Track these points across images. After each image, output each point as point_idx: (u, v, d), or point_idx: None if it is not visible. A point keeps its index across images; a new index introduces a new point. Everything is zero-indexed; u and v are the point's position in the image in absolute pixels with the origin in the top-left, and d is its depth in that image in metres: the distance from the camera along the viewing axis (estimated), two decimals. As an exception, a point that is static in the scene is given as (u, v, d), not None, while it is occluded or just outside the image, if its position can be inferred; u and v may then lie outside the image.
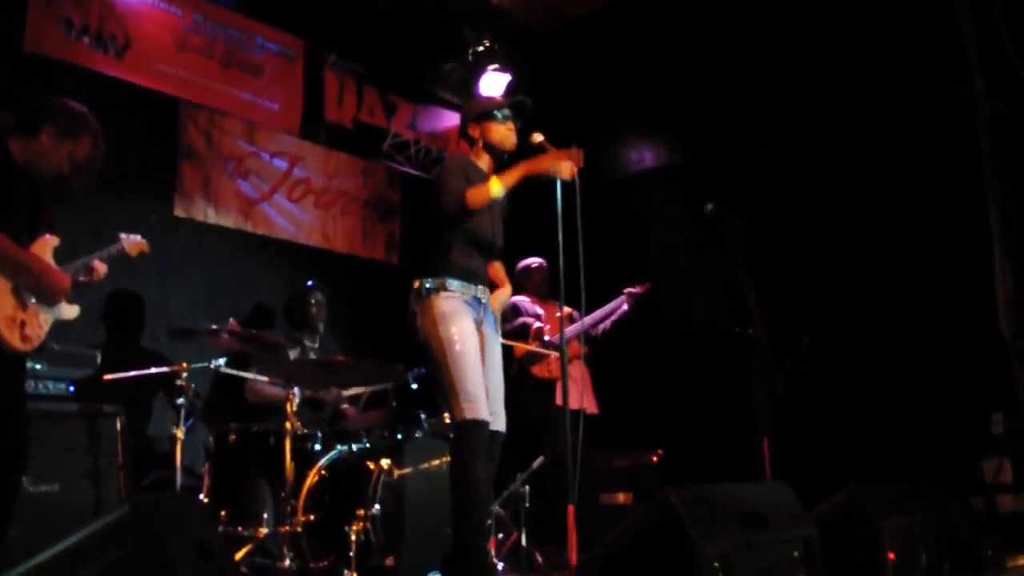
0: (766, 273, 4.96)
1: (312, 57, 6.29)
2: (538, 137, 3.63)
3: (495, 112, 3.71)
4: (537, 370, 5.35)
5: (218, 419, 4.97)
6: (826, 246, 5.70)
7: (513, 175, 3.47)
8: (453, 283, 3.55)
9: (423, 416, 4.56)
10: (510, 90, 6.99)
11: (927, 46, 5.35)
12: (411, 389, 4.65)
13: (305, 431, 4.36)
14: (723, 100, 6.38)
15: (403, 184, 6.91)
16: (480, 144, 3.73)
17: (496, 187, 3.44)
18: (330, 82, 6.40)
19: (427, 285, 3.55)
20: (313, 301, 5.33)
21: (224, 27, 5.79)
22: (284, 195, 6.09)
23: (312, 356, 5.08)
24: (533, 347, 5.27)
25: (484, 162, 3.74)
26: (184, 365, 4.15)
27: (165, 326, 4.99)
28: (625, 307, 5.41)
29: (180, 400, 4.14)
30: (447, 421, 4.61)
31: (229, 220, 5.76)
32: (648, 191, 6.92)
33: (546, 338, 5.36)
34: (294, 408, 4.17)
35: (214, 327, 4.24)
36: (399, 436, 4.48)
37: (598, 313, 5.46)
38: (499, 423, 3.60)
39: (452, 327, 3.50)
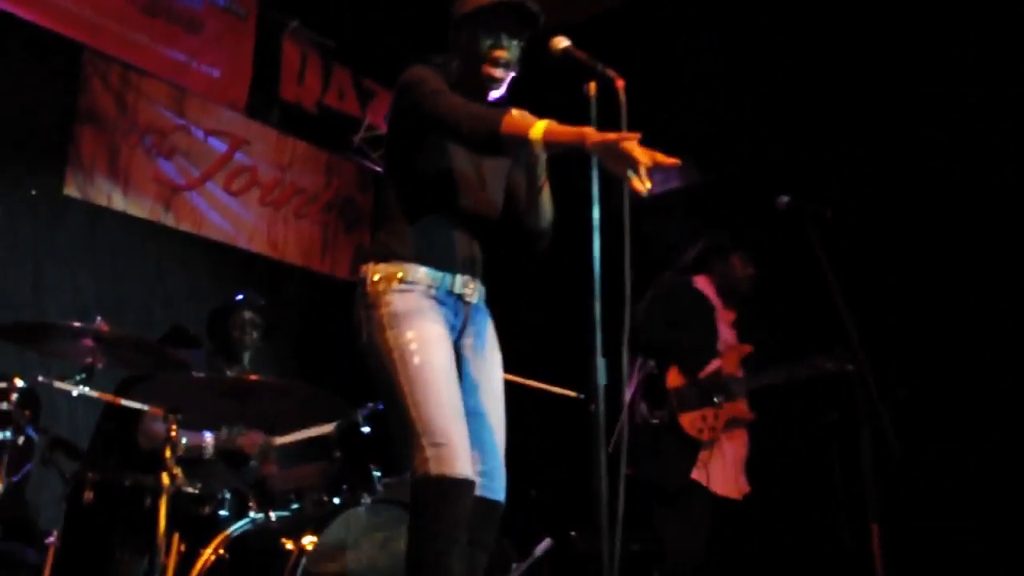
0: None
1: (268, 20, 5.04)
2: (563, 42, 2.28)
3: (484, 17, 2.34)
4: (688, 421, 3.62)
5: (91, 469, 3.54)
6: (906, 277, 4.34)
7: (567, 133, 2.05)
8: (417, 271, 2.22)
9: (376, 474, 3.17)
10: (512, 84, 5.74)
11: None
12: (361, 434, 3.26)
13: (197, 489, 2.97)
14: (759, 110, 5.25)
15: (378, 188, 5.58)
16: (459, 58, 2.38)
17: (540, 130, 2.05)
18: (289, 53, 5.14)
19: (376, 275, 2.21)
20: (240, 320, 3.94)
21: (154, -34, 4.55)
22: (220, 185, 4.75)
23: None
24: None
25: (464, 88, 2.37)
26: (13, 381, 2.75)
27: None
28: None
29: (5, 434, 2.73)
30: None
31: (142, 209, 4.40)
32: (676, 213, 5.71)
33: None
34: (178, 452, 2.76)
35: (74, 324, 2.85)
36: (338, 501, 3.07)
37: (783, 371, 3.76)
38: (496, 489, 2.24)
39: (407, 331, 2.15)
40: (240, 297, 4.05)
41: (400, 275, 2.20)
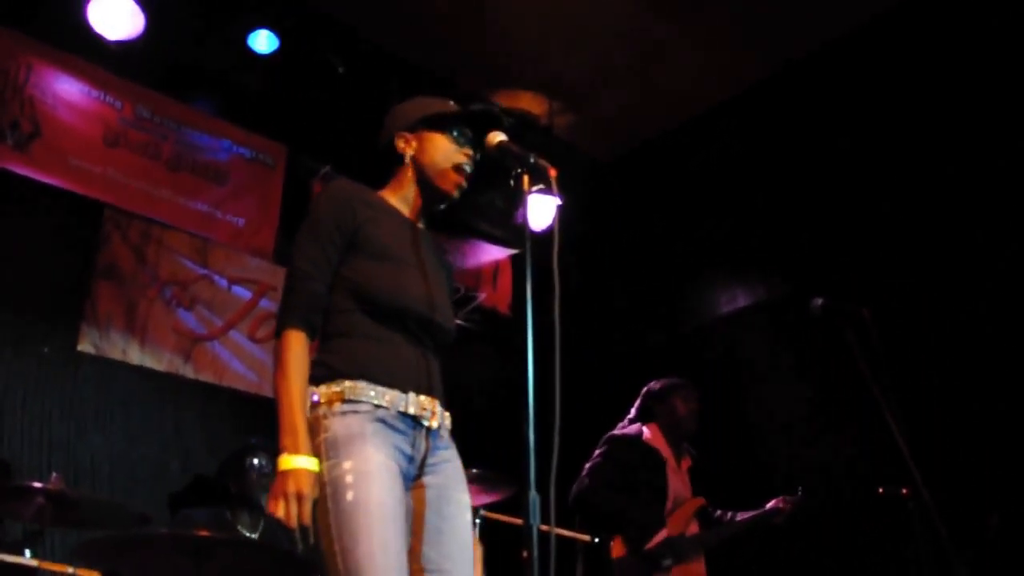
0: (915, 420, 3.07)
1: (296, 166, 5.04)
2: (498, 136, 2.07)
3: (447, 122, 2.17)
4: None
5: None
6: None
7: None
8: (362, 388, 1.92)
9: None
10: (558, 215, 5.55)
11: None
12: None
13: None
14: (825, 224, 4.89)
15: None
16: (409, 167, 2.17)
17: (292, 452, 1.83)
18: (320, 197, 5.08)
19: (315, 399, 1.93)
20: (254, 464, 3.66)
21: (179, 125, 4.62)
22: (244, 333, 4.63)
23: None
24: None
25: (405, 200, 2.17)
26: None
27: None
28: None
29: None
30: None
31: (160, 361, 4.30)
32: (744, 333, 5.35)
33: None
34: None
35: (34, 484, 2.68)
36: None
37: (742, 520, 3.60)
38: None
39: (344, 461, 1.85)
40: (254, 440, 3.77)
41: (342, 394, 1.89)
